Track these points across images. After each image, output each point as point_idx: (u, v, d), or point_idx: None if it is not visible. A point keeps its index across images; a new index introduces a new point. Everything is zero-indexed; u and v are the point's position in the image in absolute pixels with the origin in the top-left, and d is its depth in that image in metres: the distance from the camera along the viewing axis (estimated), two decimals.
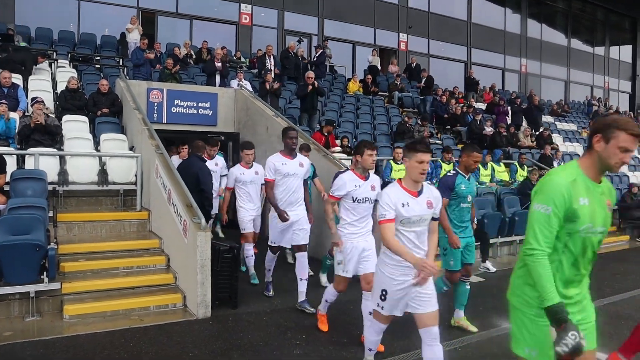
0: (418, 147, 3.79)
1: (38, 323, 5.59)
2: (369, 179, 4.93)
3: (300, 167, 6.05)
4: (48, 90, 10.67)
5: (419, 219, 3.82)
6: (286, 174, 5.94)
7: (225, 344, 5.12)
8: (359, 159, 4.92)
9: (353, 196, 4.84)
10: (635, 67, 32.45)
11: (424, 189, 3.91)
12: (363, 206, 4.89)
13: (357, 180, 4.88)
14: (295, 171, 6.01)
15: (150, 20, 17.61)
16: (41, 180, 7.21)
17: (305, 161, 6.26)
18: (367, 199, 4.87)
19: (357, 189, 4.84)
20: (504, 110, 17.37)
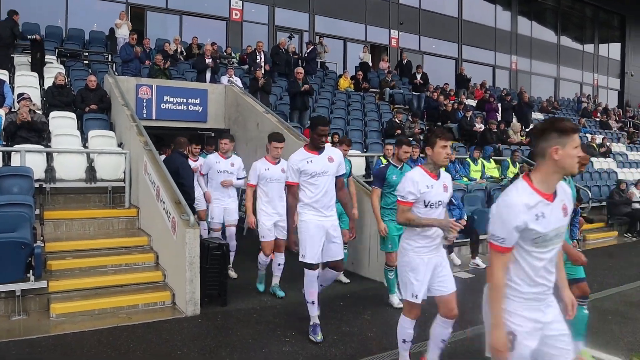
0: None
1: (24, 322, 5.52)
2: (441, 178, 4.07)
3: (330, 163, 4.98)
4: (35, 87, 10.56)
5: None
6: (313, 174, 4.93)
7: (214, 342, 5.10)
8: (429, 152, 4.02)
9: (425, 200, 3.95)
10: (624, 64, 32.66)
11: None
12: (437, 211, 4.02)
13: (429, 180, 3.99)
14: (325, 168, 4.96)
15: (139, 16, 17.46)
16: (27, 177, 7.12)
17: (336, 154, 5.08)
18: (441, 202, 4.02)
19: (429, 190, 3.95)
20: (494, 107, 17.42)
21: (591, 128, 21.58)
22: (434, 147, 3.97)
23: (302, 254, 4.94)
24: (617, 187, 13.73)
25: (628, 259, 9.63)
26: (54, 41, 14.04)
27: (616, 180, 15.13)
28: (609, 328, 5.80)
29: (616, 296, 7.27)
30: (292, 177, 4.96)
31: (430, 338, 4.14)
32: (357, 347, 4.97)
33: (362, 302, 6.49)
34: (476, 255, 8.92)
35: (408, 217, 3.99)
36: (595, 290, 7.10)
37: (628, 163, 18.48)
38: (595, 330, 5.48)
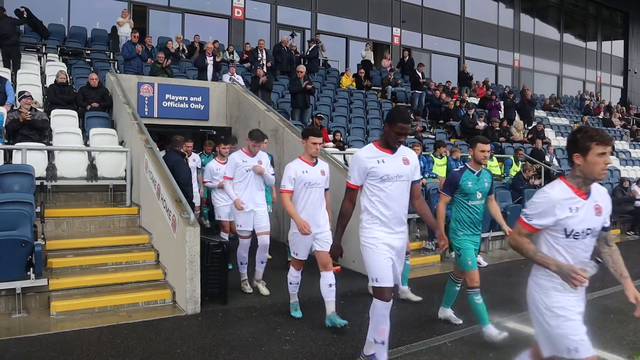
0: None
1: (24, 320, 5.53)
2: (591, 196, 3.14)
3: (405, 166, 4.08)
4: (37, 85, 10.56)
5: None
6: (385, 177, 4.00)
7: (214, 340, 5.09)
8: (578, 161, 2.96)
9: (567, 227, 2.97)
10: (627, 61, 32.52)
11: None
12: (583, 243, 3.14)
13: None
14: (399, 171, 4.05)
15: (141, 14, 17.45)
16: (29, 175, 7.13)
17: (411, 155, 4.20)
18: (590, 231, 3.05)
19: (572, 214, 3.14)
20: (496, 104, 17.37)
21: (594, 125, 21.51)
22: (587, 154, 2.87)
23: (372, 277, 4.02)
24: (620, 185, 13.69)
25: (631, 257, 9.57)
26: (56, 39, 14.05)
27: (619, 178, 15.09)
28: (611, 327, 5.78)
29: (619, 294, 7.21)
30: (355, 178, 4.06)
31: None
32: (357, 346, 4.94)
33: (363, 301, 6.46)
34: (478, 254, 8.87)
35: (521, 244, 3.04)
36: (597, 288, 7.08)
37: (631, 161, 18.42)
38: (597, 328, 5.45)
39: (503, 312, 6.08)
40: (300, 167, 5.37)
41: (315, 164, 5.45)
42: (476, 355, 4.83)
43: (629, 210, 13.09)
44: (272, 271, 7.15)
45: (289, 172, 5.33)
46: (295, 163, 5.43)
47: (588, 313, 4.24)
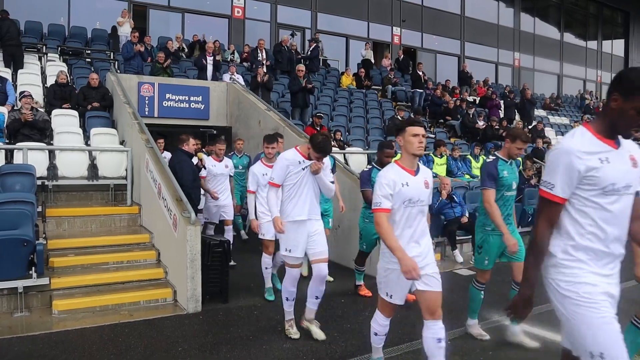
0: None
1: (26, 319, 5.54)
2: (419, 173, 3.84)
3: (634, 169, 2.73)
4: (37, 85, 10.58)
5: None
6: (609, 188, 2.60)
7: (215, 339, 5.11)
8: None
9: None
10: (627, 61, 32.51)
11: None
12: None
13: None
14: (629, 180, 2.75)
15: (141, 14, 17.47)
16: (30, 175, 7.15)
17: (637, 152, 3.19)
18: None
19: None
20: (496, 104, 17.38)
21: None
22: None
23: (592, 352, 2.45)
24: None
25: (631, 256, 9.60)
26: (56, 39, 14.09)
27: None
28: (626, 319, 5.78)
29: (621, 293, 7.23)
30: (560, 185, 2.51)
31: None
32: (358, 344, 4.97)
33: (363, 299, 6.49)
34: None
35: None
36: None
37: None
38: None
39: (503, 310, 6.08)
40: (399, 177, 3.70)
41: (417, 171, 3.78)
42: (476, 353, 4.84)
43: None
44: None
45: (384, 181, 3.67)
46: (390, 171, 3.74)
47: None
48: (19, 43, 11.26)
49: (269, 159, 6.30)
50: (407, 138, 3.72)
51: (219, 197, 7.74)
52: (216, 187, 7.77)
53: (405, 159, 3.74)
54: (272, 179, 4.92)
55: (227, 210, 7.95)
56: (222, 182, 7.88)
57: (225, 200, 7.92)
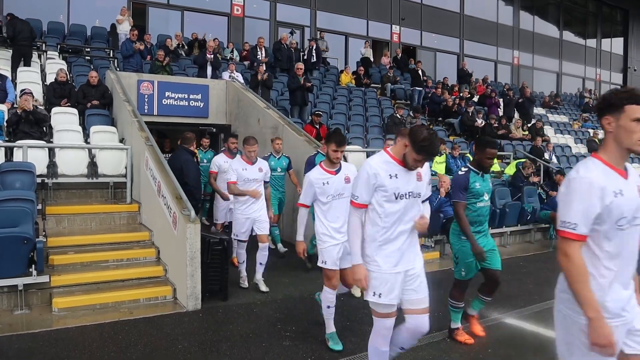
0: None
1: (27, 316, 5.56)
2: None
3: None
4: (37, 82, 10.58)
5: None
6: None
7: (215, 336, 5.12)
8: None
9: None
10: (626, 59, 32.54)
11: None
12: None
13: None
14: None
15: (141, 12, 17.45)
16: (30, 172, 7.16)
17: None
18: None
19: None
20: (495, 102, 17.40)
21: (594, 123, 21.53)
22: None
23: None
24: None
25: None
26: (56, 37, 14.08)
27: None
28: None
29: None
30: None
31: None
32: (357, 342, 4.99)
33: (362, 297, 6.50)
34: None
35: None
36: None
37: (630, 158, 18.41)
38: None
39: (502, 309, 6.12)
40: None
41: None
42: (474, 352, 4.87)
43: None
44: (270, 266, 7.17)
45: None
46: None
47: None
48: (30, 43, 11.27)
49: (333, 163, 4.70)
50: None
51: (253, 209, 6.50)
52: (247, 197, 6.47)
53: None
54: (354, 197, 3.50)
55: (261, 226, 6.56)
56: (254, 188, 6.49)
57: (260, 212, 6.52)
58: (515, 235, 10.70)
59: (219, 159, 7.98)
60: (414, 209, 3.53)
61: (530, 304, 6.45)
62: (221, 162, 7.79)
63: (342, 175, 4.70)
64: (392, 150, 3.52)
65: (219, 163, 7.84)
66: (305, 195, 4.72)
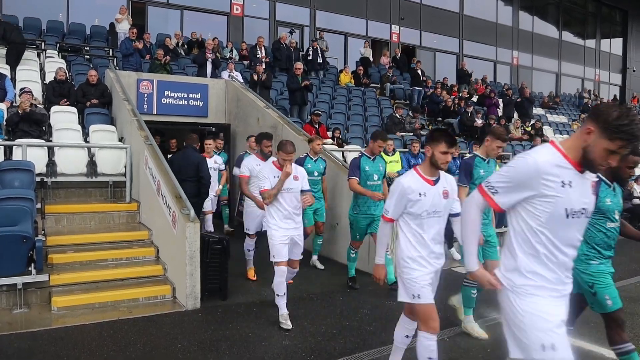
0: None
1: (26, 315, 5.56)
2: None
3: None
4: (36, 81, 10.57)
5: None
6: None
7: (214, 335, 5.12)
8: None
9: None
10: (625, 59, 32.57)
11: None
12: None
13: None
14: None
15: (140, 11, 17.44)
16: (29, 171, 7.15)
17: None
18: None
19: None
20: (494, 102, 17.41)
21: None
22: None
23: None
24: None
25: (629, 254, 9.62)
26: (55, 36, 14.06)
27: None
28: None
29: None
30: None
31: None
32: (357, 341, 4.99)
33: (362, 296, 6.51)
34: None
35: None
36: None
37: None
38: (594, 325, 5.49)
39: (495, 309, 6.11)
40: None
41: None
42: (474, 351, 4.87)
43: (627, 207, 13.13)
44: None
45: None
46: None
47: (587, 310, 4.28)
48: (24, 44, 11.24)
49: (435, 170, 3.74)
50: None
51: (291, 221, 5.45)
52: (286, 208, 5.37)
53: None
54: (499, 203, 2.63)
55: (298, 243, 5.55)
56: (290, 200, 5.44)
57: (297, 225, 5.50)
58: None
59: (251, 161, 6.91)
60: None
61: None
62: (253, 164, 6.77)
63: (439, 188, 3.72)
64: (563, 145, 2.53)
65: (251, 166, 6.78)
66: (394, 207, 3.72)
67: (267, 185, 5.23)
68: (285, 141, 5.33)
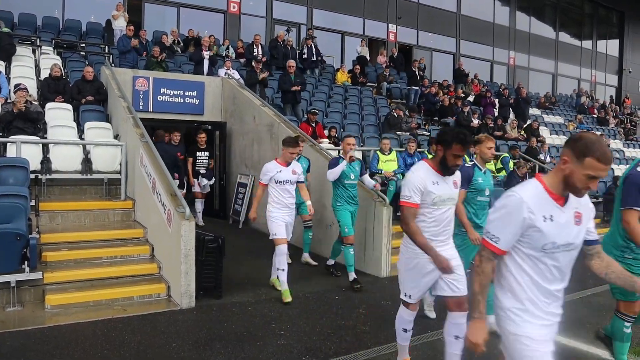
0: None
1: (19, 313, 5.52)
2: None
3: None
4: (31, 78, 10.51)
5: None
6: None
7: (209, 334, 5.10)
8: None
9: None
10: (621, 61, 32.66)
11: None
12: None
13: None
14: None
15: (136, 8, 17.36)
16: (23, 168, 7.09)
17: None
18: None
19: None
20: (491, 102, 17.42)
21: (588, 124, 21.64)
22: None
23: None
24: (614, 184, 13.76)
25: None
26: (50, 32, 13.99)
27: (612, 176, 15.16)
28: (604, 323, 5.82)
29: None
30: None
31: None
32: (352, 341, 4.98)
33: (358, 296, 6.50)
34: None
35: None
36: (590, 285, 7.15)
37: (625, 160, 18.52)
38: (590, 325, 5.51)
39: None
40: None
41: None
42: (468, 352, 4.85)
43: None
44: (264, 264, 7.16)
45: None
46: None
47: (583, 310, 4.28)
48: (10, 42, 11.16)
49: (447, 169, 3.78)
50: None
51: None
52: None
53: None
54: None
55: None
56: None
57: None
58: None
59: None
60: None
61: None
62: None
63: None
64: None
65: None
66: None
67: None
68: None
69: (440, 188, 3.71)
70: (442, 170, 3.72)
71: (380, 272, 7.45)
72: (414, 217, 3.71)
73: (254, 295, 6.39)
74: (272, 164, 6.33)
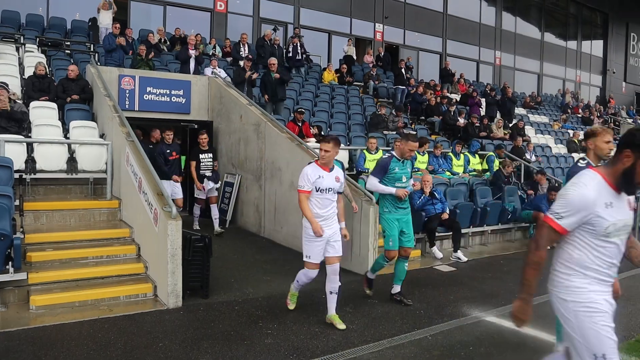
0: None
1: (3, 314, 5.46)
2: None
3: None
4: (15, 76, 10.40)
5: None
6: None
7: (196, 334, 5.09)
8: None
9: None
10: (605, 61, 33.07)
11: None
12: None
13: None
14: None
15: (122, 6, 17.21)
16: (7, 167, 6.99)
17: None
18: None
19: None
20: (477, 101, 17.55)
21: (573, 124, 21.87)
22: None
23: None
24: None
25: None
26: (35, 30, 13.83)
27: None
28: None
29: None
30: None
31: None
32: (339, 340, 5.00)
33: (344, 295, 6.50)
34: (458, 249, 8.97)
35: None
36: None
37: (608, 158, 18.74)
38: None
39: (483, 307, 6.17)
40: None
41: None
42: (455, 349, 4.90)
43: None
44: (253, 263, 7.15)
45: None
46: None
47: None
48: None
49: None
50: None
51: None
52: None
53: None
54: None
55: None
56: None
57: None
58: (495, 234, 10.79)
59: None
60: None
61: (511, 302, 6.46)
62: None
63: None
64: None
65: None
66: None
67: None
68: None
69: (615, 212, 2.74)
70: (622, 186, 2.75)
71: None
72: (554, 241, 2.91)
73: (241, 294, 6.38)
74: (313, 167, 5.33)
